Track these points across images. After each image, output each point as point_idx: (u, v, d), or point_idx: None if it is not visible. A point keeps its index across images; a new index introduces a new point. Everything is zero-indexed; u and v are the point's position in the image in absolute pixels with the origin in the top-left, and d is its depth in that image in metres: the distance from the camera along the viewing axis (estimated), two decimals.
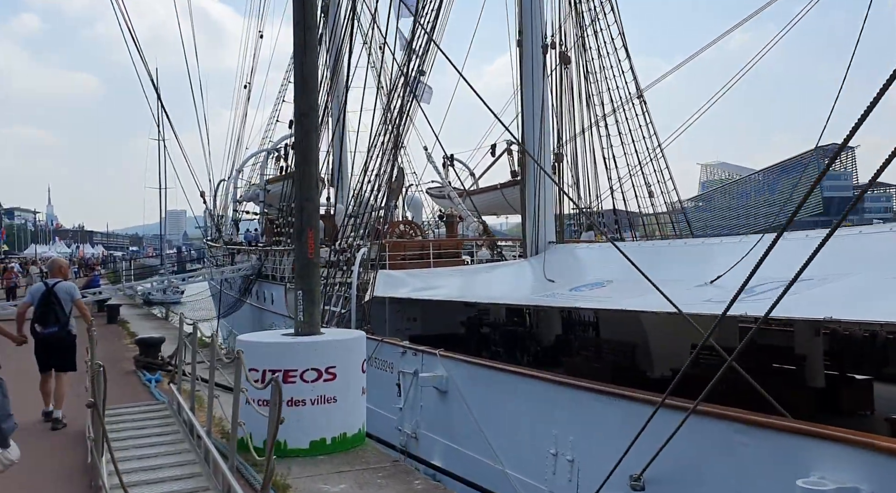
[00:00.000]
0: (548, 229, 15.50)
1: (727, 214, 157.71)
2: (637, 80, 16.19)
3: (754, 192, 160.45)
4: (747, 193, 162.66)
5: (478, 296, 12.95)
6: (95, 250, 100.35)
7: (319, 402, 5.43)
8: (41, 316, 7.65)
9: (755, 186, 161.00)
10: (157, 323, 18.73)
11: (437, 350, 9.47)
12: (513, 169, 23.76)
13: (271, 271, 18.82)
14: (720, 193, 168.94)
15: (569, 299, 10.03)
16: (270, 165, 22.71)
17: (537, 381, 6.96)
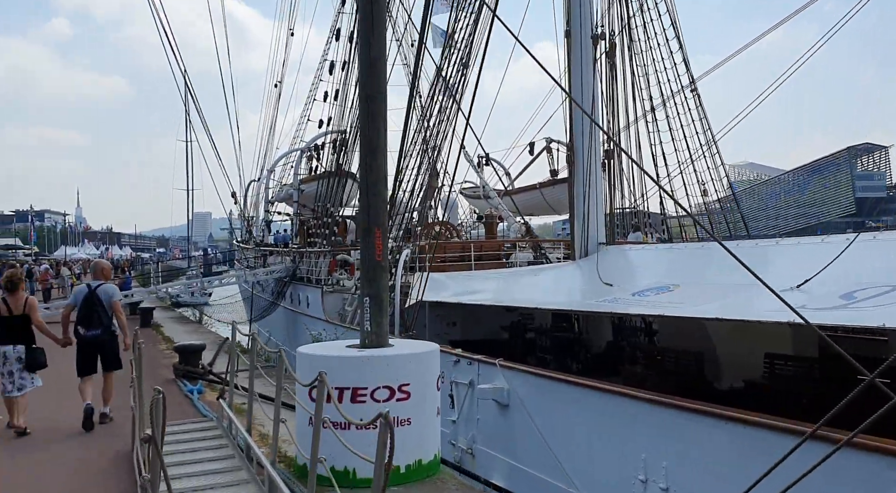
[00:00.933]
0: (598, 230, 14.76)
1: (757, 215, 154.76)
2: (690, 70, 15.35)
3: (784, 193, 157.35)
4: (777, 194, 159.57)
5: (531, 301, 12.24)
6: (123, 252, 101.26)
7: (393, 424, 4.76)
8: (84, 318, 7.75)
9: (784, 187, 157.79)
10: (190, 327, 18.31)
11: (497, 360, 8.78)
12: (552, 168, 23.01)
13: (306, 273, 18.27)
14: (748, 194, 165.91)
15: (641, 306, 9.28)
16: (303, 164, 22.21)
17: (624, 398, 6.23)
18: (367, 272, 5.18)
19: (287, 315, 19.14)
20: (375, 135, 5.14)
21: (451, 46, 15.97)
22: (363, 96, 5.13)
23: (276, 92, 29.36)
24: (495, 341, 15.02)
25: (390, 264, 15.35)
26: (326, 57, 27.31)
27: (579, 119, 14.55)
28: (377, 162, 5.15)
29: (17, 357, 7.32)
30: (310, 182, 21.23)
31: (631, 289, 10.66)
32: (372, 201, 5.11)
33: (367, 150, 5.11)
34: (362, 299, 5.22)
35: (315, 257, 17.77)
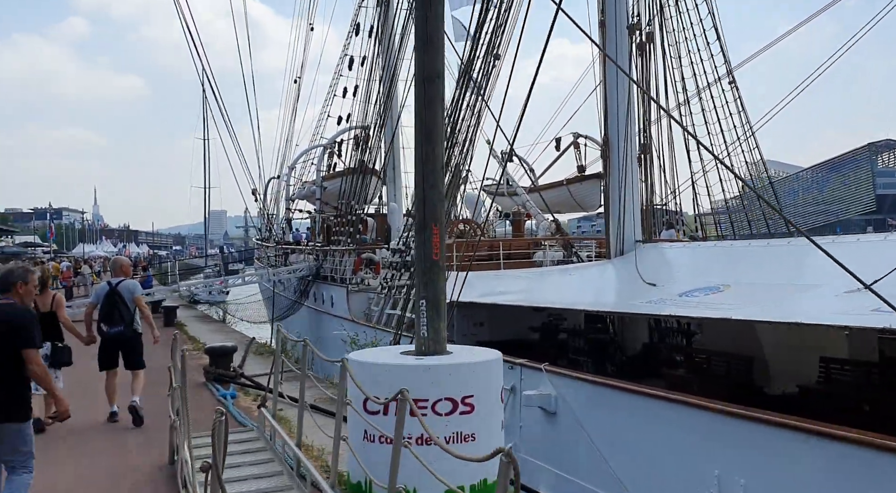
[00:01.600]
0: (634, 227, 14.26)
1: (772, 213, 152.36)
2: (728, 61, 14.79)
3: (802, 190, 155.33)
4: (794, 191, 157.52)
5: (568, 301, 11.80)
6: (140, 249, 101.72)
7: (455, 440, 4.34)
8: (106, 315, 7.74)
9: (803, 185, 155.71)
10: (214, 326, 18.00)
11: (542, 365, 8.34)
12: (580, 164, 22.48)
13: (330, 271, 17.91)
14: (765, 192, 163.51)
15: (692, 307, 8.78)
16: (324, 161, 21.83)
17: (695, 409, 5.77)
18: (423, 273, 4.75)
19: (311, 315, 18.80)
20: (433, 120, 4.71)
21: (477, 38, 15.51)
22: (419, 78, 4.70)
23: (296, 88, 29.04)
24: (524, 341, 14.58)
25: None
26: (347, 52, 26.90)
27: (614, 111, 14.05)
28: (435, 151, 4.72)
29: (43, 355, 6.65)
30: (333, 179, 20.85)
31: (676, 289, 10.17)
32: (429, 194, 4.68)
33: (423, 136, 4.69)
34: (418, 302, 4.80)
35: (339, 255, 17.40)
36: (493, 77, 14.36)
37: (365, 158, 19.04)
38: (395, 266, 15.74)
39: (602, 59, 14.19)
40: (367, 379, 4.40)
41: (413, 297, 14.07)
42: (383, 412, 4.37)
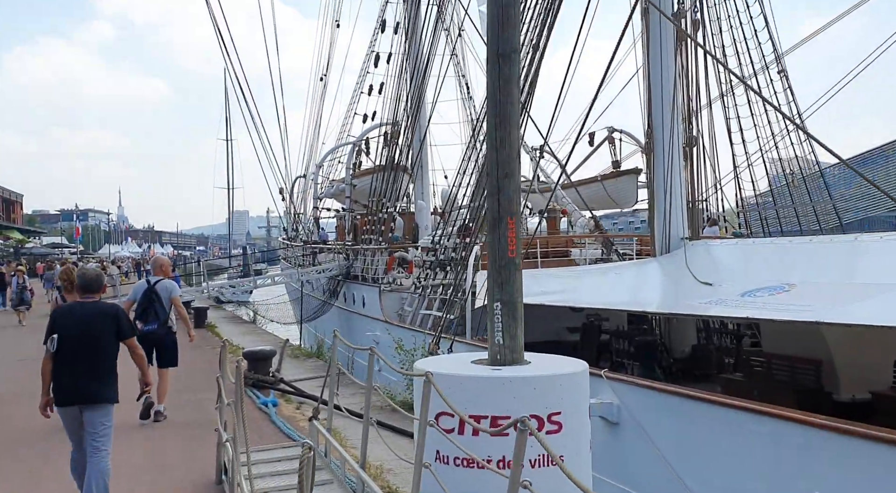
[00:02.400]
0: (680, 224, 13.63)
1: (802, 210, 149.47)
2: (778, 47, 14.06)
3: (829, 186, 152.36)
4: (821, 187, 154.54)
5: (619, 302, 11.22)
6: (165, 250, 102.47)
7: (541, 464, 3.82)
8: (142, 313, 7.85)
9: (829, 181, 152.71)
10: (246, 327, 17.65)
11: (602, 371, 7.78)
12: (615, 159, 21.83)
13: (361, 271, 17.48)
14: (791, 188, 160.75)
15: (758, 308, 8.17)
16: (353, 159, 21.40)
17: (790, 423, 5.19)
18: (497, 272, 4.24)
19: (341, 316, 18.39)
20: (509, 101, 4.20)
21: None
22: (493, 55, 4.19)
23: (322, 86, 28.67)
24: (561, 342, 14.05)
25: (459, 261, 14.52)
26: (373, 48, 26.51)
27: (659, 101, 13.44)
28: (511, 135, 4.21)
29: None
30: (363, 177, 20.43)
31: (736, 289, 9.56)
32: (503, 184, 4.17)
33: (498, 119, 4.19)
34: (492, 304, 4.29)
35: (371, 254, 16.95)
36: (534, 70, 13.77)
37: (395, 155, 18.59)
38: (430, 265, 15.26)
39: (645, 46, 13.56)
40: (447, 392, 3.90)
41: (450, 296, 13.60)
42: (458, 430, 3.87)
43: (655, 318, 13.28)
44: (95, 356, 5.06)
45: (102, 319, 5.17)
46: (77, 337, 5.05)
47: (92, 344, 5.07)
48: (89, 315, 5.17)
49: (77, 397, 4.98)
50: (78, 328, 5.08)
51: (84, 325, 5.10)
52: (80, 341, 5.04)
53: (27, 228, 69.97)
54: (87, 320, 5.14)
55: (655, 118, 13.56)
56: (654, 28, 13.29)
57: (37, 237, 68.50)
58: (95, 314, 5.19)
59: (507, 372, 4.02)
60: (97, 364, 5.05)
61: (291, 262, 26.44)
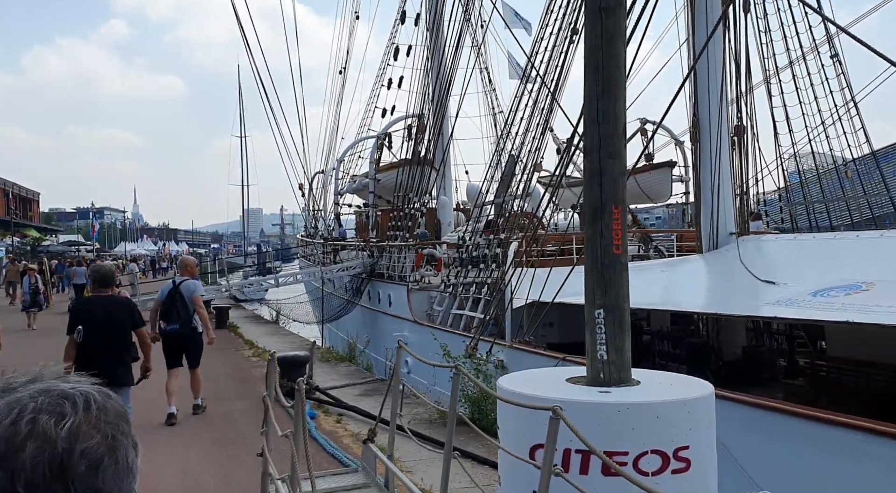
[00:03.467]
0: (729, 218, 12.84)
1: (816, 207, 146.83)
2: (829, 25, 13.16)
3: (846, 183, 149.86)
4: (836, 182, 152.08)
5: (672, 301, 10.49)
6: (180, 247, 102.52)
7: None
8: (165, 313, 7.90)
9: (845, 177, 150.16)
10: (268, 328, 17.04)
11: None
12: (648, 152, 21.02)
13: (387, 269, 16.81)
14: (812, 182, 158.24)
15: (839, 310, 7.41)
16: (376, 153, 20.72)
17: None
18: (598, 273, 3.54)
19: (364, 315, 17.73)
20: (613, 64, 3.49)
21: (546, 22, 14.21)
22: (594, 8, 3.48)
23: (341, 79, 28.01)
24: None
25: (493, 258, 13.84)
26: (393, 41, 25.83)
27: (705, 88, 12.66)
28: (616, 107, 3.51)
29: None
30: (387, 171, 19.75)
31: (804, 287, 8.81)
32: (607, 166, 3.47)
33: (600, 87, 3.48)
34: (592, 311, 3.58)
35: (397, 251, 16.28)
36: (570, 57, 13.03)
37: (420, 149, 17.90)
38: (461, 263, 14.57)
39: (691, 29, 12.78)
40: (527, 420, 3.22)
41: (484, 295, 12.90)
42: (581, 469, 3.18)
43: (702, 318, 12.53)
44: (115, 344, 5.66)
45: (120, 310, 5.81)
46: (99, 327, 5.60)
47: (112, 333, 5.65)
48: (109, 307, 5.74)
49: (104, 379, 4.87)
50: (100, 319, 5.63)
51: (105, 316, 5.65)
52: (102, 331, 5.60)
53: (44, 226, 70.06)
54: (107, 311, 5.69)
55: (702, 106, 12.80)
56: (700, 8, 12.53)
57: (53, 235, 68.55)
58: (114, 306, 5.80)
59: (620, 396, 3.30)
60: (117, 351, 5.66)
61: (311, 259, 25.83)
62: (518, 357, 10.18)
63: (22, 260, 31.24)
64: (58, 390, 0.79)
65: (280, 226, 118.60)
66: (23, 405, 0.76)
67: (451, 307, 14.13)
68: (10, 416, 0.75)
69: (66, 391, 0.79)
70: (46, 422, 0.75)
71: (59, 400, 0.77)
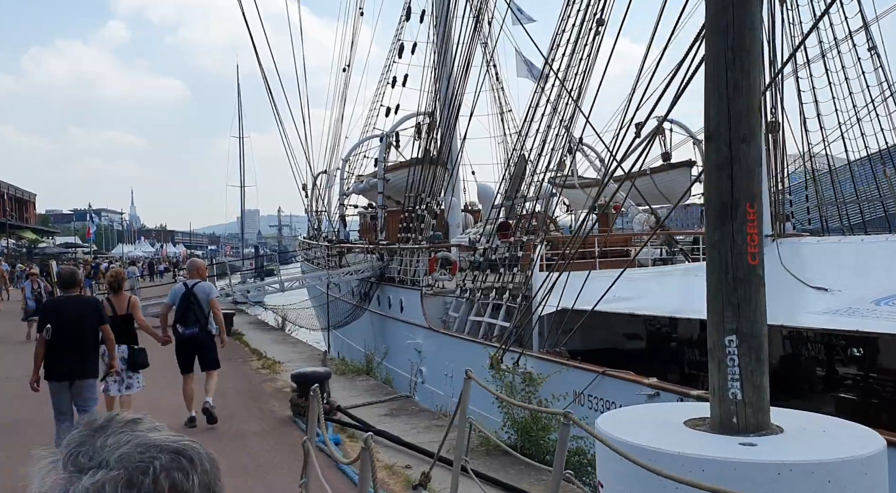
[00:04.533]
0: (765, 220, 12.15)
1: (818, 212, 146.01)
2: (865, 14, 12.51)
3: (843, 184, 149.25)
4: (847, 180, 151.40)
5: None
6: (177, 249, 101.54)
7: None
8: (182, 317, 7.89)
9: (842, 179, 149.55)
10: (275, 335, 16.27)
11: None
12: (665, 151, 20.37)
13: (398, 272, 16.08)
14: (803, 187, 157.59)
15: None
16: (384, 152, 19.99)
17: None
18: (730, 287, 2.83)
19: (374, 321, 16.99)
20: (745, 26, 2.81)
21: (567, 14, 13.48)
22: None
23: (345, 77, 27.30)
24: (619, 351, 12.63)
25: (513, 261, 13.13)
26: (399, 37, 25.14)
27: None
28: (750, 78, 2.81)
29: (121, 357, 7.34)
30: (396, 171, 19.04)
31: (864, 295, 8.11)
32: (739, 152, 2.78)
33: (729, 56, 2.79)
34: (722, 338, 2.86)
35: (409, 253, 15.55)
36: (594, 51, 12.32)
37: (431, 148, 17.18)
38: (479, 266, 13.85)
39: None
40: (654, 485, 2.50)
41: (507, 302, 12.18)
42: None
43: None
44: (83, 341, 6.20)
45: (87, 309, 6.37)
46: (66, 326, 6.09)
47: (80, 330, 6.18)
48: (76, 307, 6.29)
49: (71, 373, 6.14)
50: (68, 318, 6.14)
51: (72, 315, 6.17)
52: (71, 329, 6.10)
53: (40, 228, 69.18)
54: (76, 310, 6.22)
55: None
56: None
57: (50, 237, 67.69)
58: (81, 305, 6.38)
59: (772, 450, 2.57)
60: (85, 347, 6.22)
61: (315, 262, 25.07)
62: (548, 369, 9.45)
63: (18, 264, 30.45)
64: (164, 445, 0.83)
65: (278, 228, 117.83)
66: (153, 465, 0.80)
67: (469, 314, 13.42)
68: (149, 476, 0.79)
69: (173, 447, 0.83)
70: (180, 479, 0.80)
71: (175, 457, 0.82)
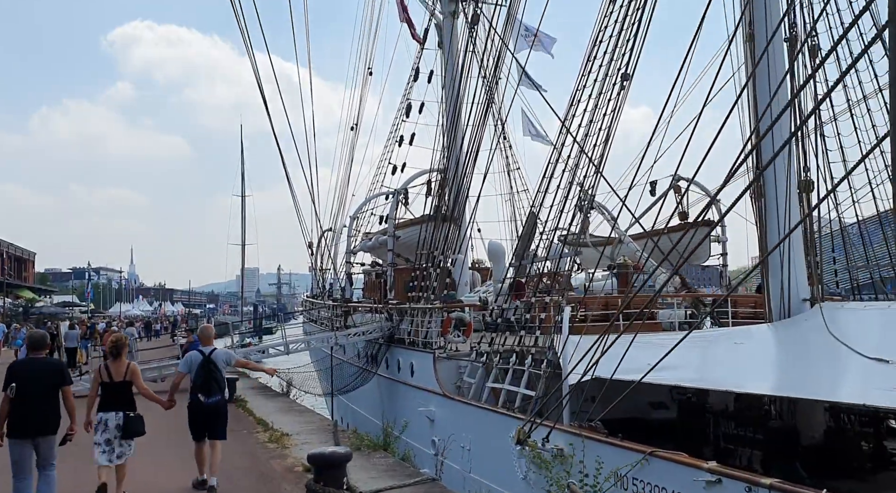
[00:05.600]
0: (800, 283, 11.51)
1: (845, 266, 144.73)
2: None
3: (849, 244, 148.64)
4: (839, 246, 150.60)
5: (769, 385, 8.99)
6: (175, 308, 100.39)
7: None
8: (204, 386, 7.87)
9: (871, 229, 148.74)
10: (280, 402, 15.30)
11: None
12: (681, 210, 19.89)
13: (409, 334, 15.32)
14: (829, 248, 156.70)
15: None
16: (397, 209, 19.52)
17: None
18: None
19: (382, 386, 16.11)
20: None
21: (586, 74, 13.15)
22: None
23: (352, 136, 27.22)
24: (645, 420, 11.76)
25: (534, 323, 12.40)
26: (408, 97, 25.21)
27: (770, 138, 11.56)
28: None
29: (116, 424, 7.38)
30: (406, 228, 18.51)
31: None
32: None
33: None
34: None
35: (421, 314, 14.83)
36: (619, 106, 11.95)
37: (443, 205, 16.71)
38: (496, 328, 13.11)
39: (749, 75, 11.75)
40: None
41: (529, 368, 11.39)
42: None
43: (773, 397, 11.04)
44: (47, 399, 6.60)
45: (51, 370, 6.85)
46: (30, 385, 6.54)
47: (44, 390, 6.59)
48: (41, 368, 6.79)
49: (34, 430, 6.54)
50: (33, 378, 6.61)
51: (38, 375, 6.65)
52: (35, 388, 6.54)
53: (38, 287, 68.42)
54: (40, 371, 6.72)
55: (766, 154, 11.71)
56: (761, 55, 11.55)
57: (48, 296, 66.84)
58: (45, 367, 6.87)
59: None
60: (46, 406, 6.59)
61: (319, 322, 24.27)
62: (581, 446, 8.57)
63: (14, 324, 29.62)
64: None
65: (277, 286, 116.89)
66: None
67: (485, 380, 12.60)
68: None
69: None
70: None
71: None
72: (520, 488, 9.86)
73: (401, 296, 17.98)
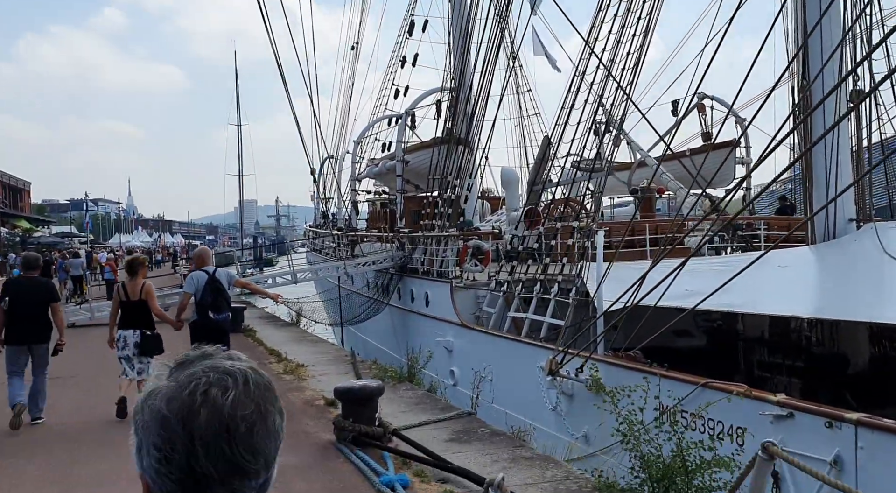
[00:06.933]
0: (848, 203, 10.75)
1: None
2: None
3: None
4: None
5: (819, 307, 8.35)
6: (175, 239, 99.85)
7: None
8: (214, 303, 7.86)
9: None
10: (290, 332, 14.75)
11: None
12: (705, 130, 18.88)
13: (423, 263, 14.64)
14: None
15: None
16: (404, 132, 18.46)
17: None
18: None
19: (395, 317, 15.56)
20: None
21: None
22: None
23: (352, 57, 25.81)
24: (672, 349, 11.23)
25: (566, 252, 11.70)
26: (413, 13, 23.64)
27: (817, 41, 10.55)
28: None
29: (134, 342, 7.66)
30: (416, 152, 17.54)
31: None
32: None
33: None
34: None
35: (437, 242, 14.11)
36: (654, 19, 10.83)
37: (453, 127, 15.71)
38: (518, 256, 12.41)
39: None
40: None
41: (555, 296, 10.76)
42: None
43: (814, 322, 10.45)
44: (35, 313, 7.43)
45: (41, 288, 7.74)
46: (22, 300, 7.40)
47: (33, 305, 7.43)
48: (32, 285, 7.67)
49: (28, 338, 7.42)
50: (26, 293, 7.49)
51: (27, 292, 7.50)
52: (24, 304, 7.38)
53: (35, 217, 67.56)
54: (32, 288, 7.61)
55: (814, 64, 10.73)
56: None
57: (45, 227, 66.06)
58: (36, 284, 7.77)
59: None
60: (37, 318, 7.44)
61: (324, 252, 23.60)
62: (618, 376, 8.01)
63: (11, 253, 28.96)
64: (222, 368, 0.97)
65: (276, 218, 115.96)
66: (197, 379, 0.95)
67: (506, 310, 12.01)
68: (189, 387, 0.94)
69: (228, 369, 0.97)
70: (216, 394, 0.94)
71: (223, 376, 0.95)
72: (549, 418, 9.42)
73: (411, 224, 17.22)
